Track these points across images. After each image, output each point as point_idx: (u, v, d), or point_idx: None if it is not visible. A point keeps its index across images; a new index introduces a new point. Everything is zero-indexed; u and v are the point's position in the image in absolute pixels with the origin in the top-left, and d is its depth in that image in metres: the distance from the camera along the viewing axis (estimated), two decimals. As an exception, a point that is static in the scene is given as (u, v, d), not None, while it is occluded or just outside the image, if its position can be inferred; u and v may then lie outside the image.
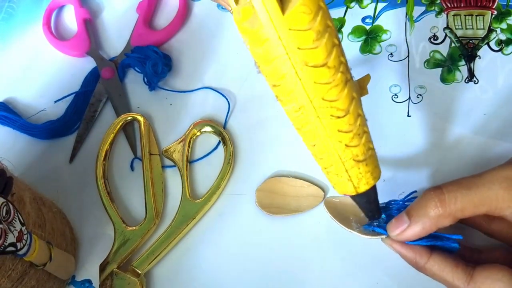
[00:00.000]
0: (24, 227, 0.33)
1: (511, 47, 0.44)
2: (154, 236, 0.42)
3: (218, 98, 0.47)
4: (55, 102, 0.50)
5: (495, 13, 0.46)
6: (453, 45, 0.45)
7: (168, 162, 0.45)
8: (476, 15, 0.46)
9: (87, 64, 0.51)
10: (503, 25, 0.45)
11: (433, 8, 0.47)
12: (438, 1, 0.47)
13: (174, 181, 0.44)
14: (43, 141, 0.48)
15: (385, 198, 0.37)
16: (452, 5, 0.47)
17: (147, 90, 0.48)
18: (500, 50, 0.44)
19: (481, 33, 0.45)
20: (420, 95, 0.43)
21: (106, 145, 0.45)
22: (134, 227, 0.41)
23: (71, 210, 0.44)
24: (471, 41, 0.45)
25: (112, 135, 0.46)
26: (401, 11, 0.47)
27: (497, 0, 0.46)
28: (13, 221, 0.32)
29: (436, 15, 0.47)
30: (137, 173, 0.45)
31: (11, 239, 0.32)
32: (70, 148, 0.47)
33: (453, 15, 0.46)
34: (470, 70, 0.44)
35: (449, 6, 0.47)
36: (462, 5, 0.46)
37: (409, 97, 0.44)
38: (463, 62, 0.44)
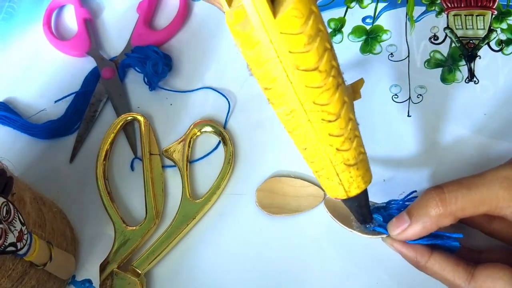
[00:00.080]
0: (24, 227, 0.33)
1: (511, 47, 0.44)
2: (154, 236, 0.42)
3: (218, 98, 0.47)
4: (55, 102, 0.50)
5: (496, 13, 0.46)
6: (453, 45, 0.45)
7: (168, 162, 0.45)
8: (477, 15, 0.46)
9: (87, 64, 0.51)
10: (504, 25, 0.45)
11: (433, 8, 0.47)
12: (439, 1, 0.47)
13: (174, 181, 0.44)
14: (43, 141, 0.48)
15: (385, 198, 0.38)
16: (452, 5, 0.47)
17: (147, 90, 0.48)
18: (501, 50, 0.44)
19: (481, 33, 0.45)
20: (421, 95, 0.43)
21: (106, 145, 0.45)
22: (134, 227, 0.41)
23: (71, 210, 0.44)
24: (471, 41, 0.45)
25: (112, 135, 0.46)
26: (401, 11, 0.47)
27: (497, 0, 0.46)
28: (13, 221, 0.32)
29: (436, 15, 0.47)
30: (137, 173, 0.45)
31: (11, 239, 0.32)
32: (70, 148, 0.47)
33: (454, 15, 0.46)
34: (471, 70, 0.44)
35: (449, 6, 0.47)
36: (462, 5, 0.46)
37: (409, 97, 0.43)
38: (463, 62, 0.44)
